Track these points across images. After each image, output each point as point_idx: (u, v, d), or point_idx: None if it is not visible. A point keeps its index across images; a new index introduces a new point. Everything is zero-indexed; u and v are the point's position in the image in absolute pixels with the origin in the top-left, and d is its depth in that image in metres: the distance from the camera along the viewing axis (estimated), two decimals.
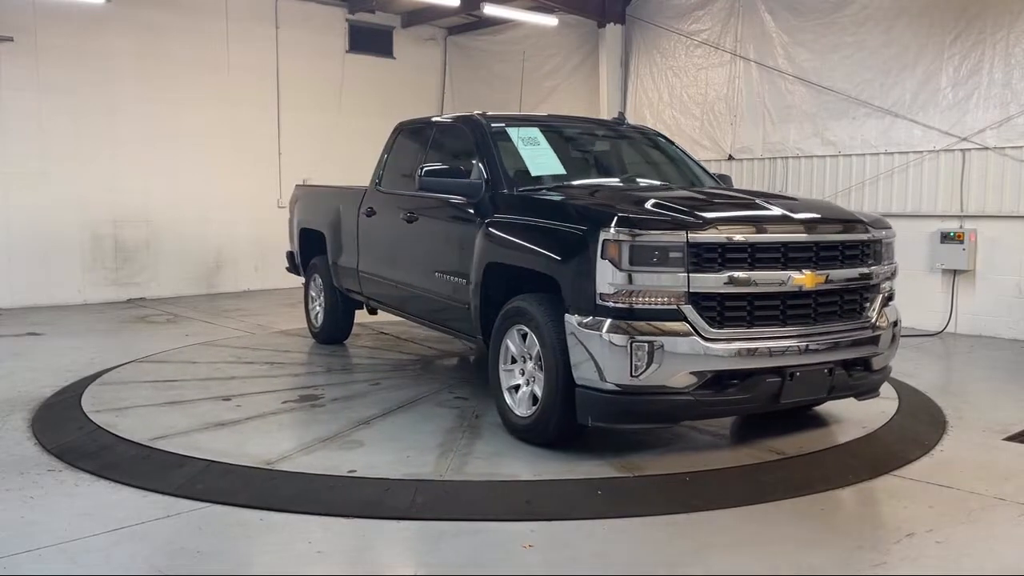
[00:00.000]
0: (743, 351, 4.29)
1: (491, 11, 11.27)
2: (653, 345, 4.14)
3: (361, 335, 8.18)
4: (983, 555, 3.59)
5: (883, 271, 4.87)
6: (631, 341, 4.14)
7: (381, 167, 6.98)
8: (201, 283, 11.94)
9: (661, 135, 6.90)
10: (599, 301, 4.24)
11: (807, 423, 5.34)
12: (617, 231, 4.20)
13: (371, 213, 6.81)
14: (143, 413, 5.40)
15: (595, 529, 3.81)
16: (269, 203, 12.07)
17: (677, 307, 4.21)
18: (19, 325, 9.12)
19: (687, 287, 4.20)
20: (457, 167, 5.57)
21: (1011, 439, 5.15)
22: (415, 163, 6.44)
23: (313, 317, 8.12)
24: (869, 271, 4.74)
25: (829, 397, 4.79)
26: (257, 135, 12.24)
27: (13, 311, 10.06)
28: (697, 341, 4.20)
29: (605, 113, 11.37)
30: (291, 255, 8.65)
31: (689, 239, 4.20)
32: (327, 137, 12.77)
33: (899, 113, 9.08)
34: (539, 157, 5.83)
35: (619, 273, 4.18)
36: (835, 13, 9.52)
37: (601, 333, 4.20)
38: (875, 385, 5.01)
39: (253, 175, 12.09)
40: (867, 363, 4.80)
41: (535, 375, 4.74)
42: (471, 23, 13.62)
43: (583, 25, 12.02)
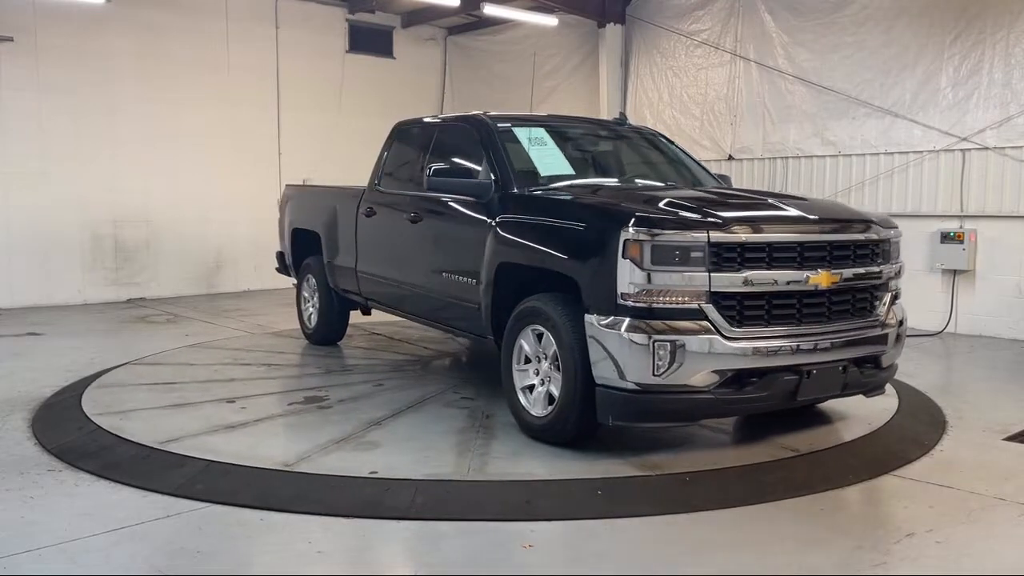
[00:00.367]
0: (763, 350, 4.34)
1: (491, 11, 11.27)
2: (675, 344, 4.17)
3: (354, 336, 8.13)
4: (983, 555, 3.59)
5: (891, 270, 4.95)
6: (653, 340, 4.16)
7: (380, 167, 6.95)
8: (201, 283, 11.94)
9: (662, 135, 6.91)
10: (620, 301, 4.25)
11: (809, 421, 5.36)
12: (639, 231, 4.22)
13: (371, 213, 6.78)
14: (148, 416, 5.35)
15: (595, 529, 3.81)
16: (269, 203, 11.99)
17: (698, 306, 4.24)
18: (19, 325, 9.12)
19: (708, 286, 4.24)
20: (465, 167, 5.54)
21: (1011, 439, 5.15)
22: (417, 163, 6.43)
23: (307, 318, 8.05)
24: (879, 270, 4.82)
25: (842, 394, 4.86)
26: (257, 135, 12.24)
27: (13, 311, 10.06)
28: (719, 340, 4.24)
29: (605, 113, 11.37)
30: (281, 255, 8.57)
31: (710, 239, 4.24)
32: (327, 137, 12.77)
33: (899, 113, 9.08)
34: (547, 157, 5.84)
35: (640, 273, 4.20)
36: (835, 13, 9.52)
37: (622, 333, 4.21)
38: (883, 382, 5.08)
39: (253, 175, 12.09)
40: (877, 360, 4.87)
41: (550, 375, 4.75)
42: (471, 23, 13.62)
43: (583, 25, 12.02)
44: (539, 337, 4.83)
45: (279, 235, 8.60)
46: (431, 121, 6.78)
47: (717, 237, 4.26)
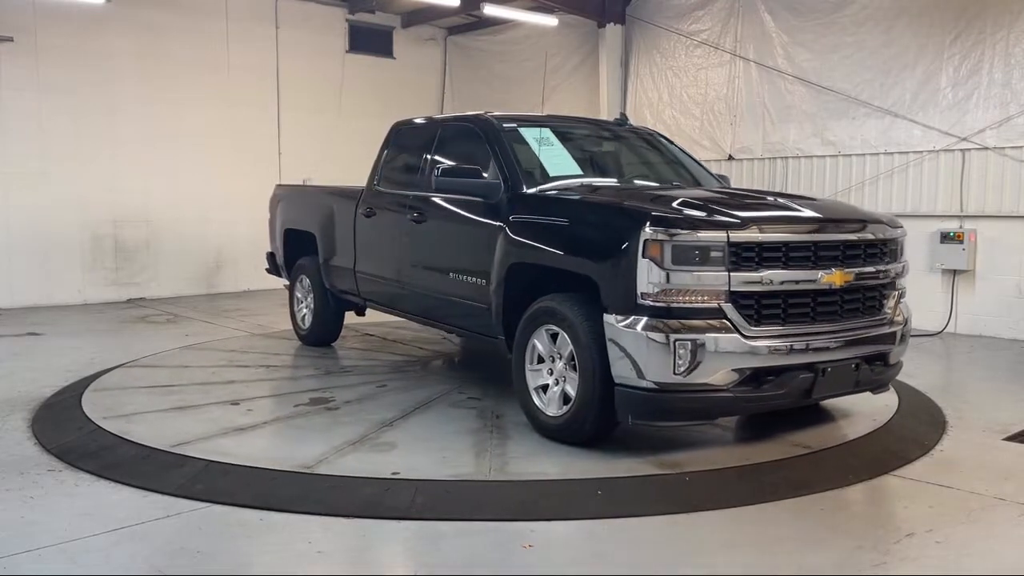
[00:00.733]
0: (781, 348, 4.40)
1: (491, 11, 11.27)
2: (696, 343, 4.21)
3: (347, 337, 8.06)
4: (983, 555, 3.59)
5: (898, 269, 5.03)
6: (674, 340, 4.19)
7: (379, 167, 6.91)
8: (201, 283, 11.94)
9: (662, 136, 6.92)
10: (640, 300, 4.27)
11: (812, 419, 5.38)
12: (659, 231, 4.24)
13: (370, 213, 6.76)
14: (153, 419, 5.28)
15: (595, 529, 3.81)
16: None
17: (718, 305, 4.28)
18: (19, 325, 9.12)
19: (728, 286, 4.27)
20: (473, 167, 5.52)
21: (1011, 439, 5.15)
22: (418, 163, 6.40)
23: (300, 319, 7.97)
24: (888, 268, 4.90)
25: (853, 391, 4.92)
26: (257, 135, 12.24)
27: (13, 311, 10.07)
28: (738, 339, 4.28)
29: (605, 113, 11.37)
30: (272, 256, 8.51)
31: (730, 238, 4.28)
32: (327, 137, 12.77)
33: (899, 113, 9.08)
34: (554, 157, 5.84)
35: (661, 272, 4.22)
36: (835, 13, 9.52)
37: (643, 332, 4.23)
38: (890, 379, 5.15)
39: (253, 175, 12.06)
40: (885, 358, 4.94)
41: (565, 375, 4.75)
42: (471, 23, 13.62)
43: (583, 25, 12.02)
44: (553, 337, 4.83)
45: (270, 235, 8.53)
46: (432, 121, 6.74)
47: (736, 237, 4.31)
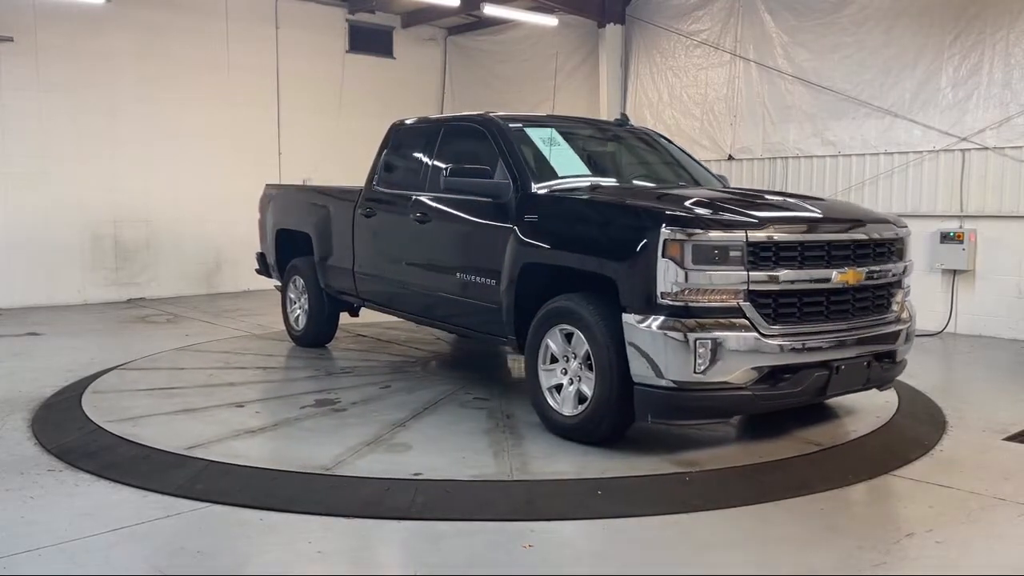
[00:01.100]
0: (798, 346, 4.45)
1: (491, 11, 11.27)
2: (716, 342, 4.24)
3: (340, 338, 7.98)
4: (983, 555, 3.60)
5: (905, 267, 5.12)
6: (695, 339, 4.22)
7: (377, 167, 6.87)
8: (201, 283, 11.95)
9: (663, 136, 6.92)
10: (660, 300, 4.30)
11: (817, 417, 5.39)
12: (678, 230, 4.27)
13: (371, 213, 6.75)
14: (162, 421, 5.21)
15: (595, 529, 3.81)
16: None
17: (737, 304, 4.32)
18: (19, 325, 9.12)
19: (747, 285, 4.32)
20: (482, 167, 5.50)
21: (1011, 439, 5.15)
22: (420, 163, 6.37)
23: (294, 320, 7.90)
24: (895, 267, 4.99)
25: (864, 388, 4.98)
26: (257, 135, 12.24)
27: (13, 311, 10.07)
28: (758, 337, 4.32)
29: (605, 113, 11.37)
30: (262, 256, 8.44)
31: (748, 238, 4.32)
32: (327, 137, 12.77)
33: (899, 113, 9.08)
34: (561, 157, 5.85)
35: (681, 272, 4.25)
36: (835, 13, 9.52)
37: (663, 331, 4.26)
38: (896, 376, 5.23)
39: (253, 175, 11.98)
40: (892, 355, 5.00)
41: (580, 374, 4.76)
42: (471, 23, 13.62)
43: (583, 25, 12.02)
44: (568, 337, 4.83)
45: (260, 236, 8.44)
46: (434, 121, 6.71)
47: (755, 236, 4.35)
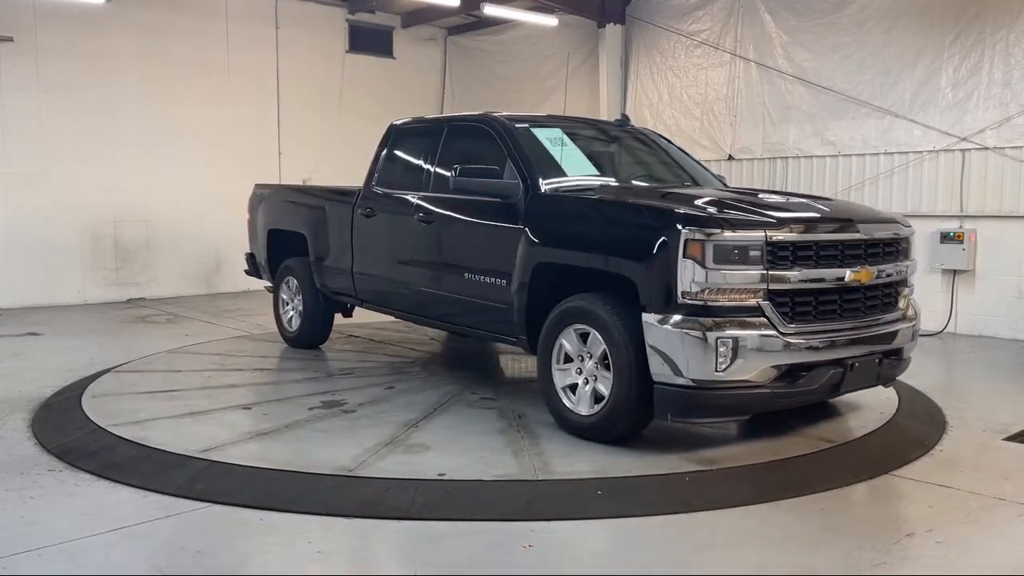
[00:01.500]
0: (816, 344, 4.53)
1: (491, 11, 11.27)
2: (736, 341, 4.28)
3: (332, 339, 7.89)
4: (983, 555, 3.60)
5: (910, 266, 5.22)
6: (716, 337, 4.25)
7: (376, 167, 6.83)
8: (201, 283, 11.94)
9: (663, 136, 6.94)
10: (680, 299, 4.33)
11: (822, 414, 5.41)
12: (699, 230, 4.30)
13: (371, 214, 6.73)
14: (170, 425, 5.15)
15: (595, 529, 3.81)
16: None
17: (756, 303, 4.37)
18: (19, 325, 9.12)
19: (766, 284, 4.37)
20: (491, 167, 5.49)
21: (1011, 439, 5.15)
22: (422, 163, 6.34)
23: (287, 321, 7.83)
24: (903, 266, 5.10)
25: (874, 384, 5.08)
26: (257, 135, 12.24)
27: (13, 311, 10.06)
28: (776, 336, 4.37)
29: (605, 113, 11.37)
30: (251, 256, 8.37)
31: (767, 238, 4.38)
32: (327, 137, 12.77)
33: (899, 113, 9.08)
34: (567, 157, 5.85)
35: (701, 271, 4.28)
36: (835, 13, 9.52)
37: (684, 331, 4.29)
38: (901, 372, 5.32)
39: (253, 175, 11.97)
40: (900, 352, 5.09)
41: (597, 373, 4.77)
42: (471, 23, 13.62)
43: (583, 25, 12.01)
44: (583, 336, 4.83)
45: (249, 236, 8.39)
46: (436, 121, 6.69)
47: (774, 236, 4.41)
